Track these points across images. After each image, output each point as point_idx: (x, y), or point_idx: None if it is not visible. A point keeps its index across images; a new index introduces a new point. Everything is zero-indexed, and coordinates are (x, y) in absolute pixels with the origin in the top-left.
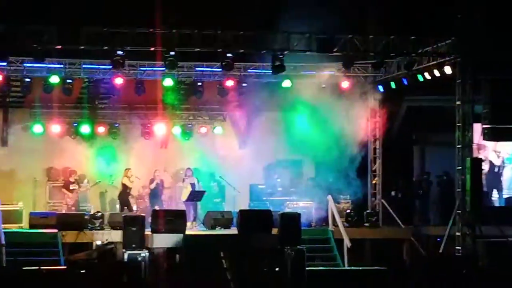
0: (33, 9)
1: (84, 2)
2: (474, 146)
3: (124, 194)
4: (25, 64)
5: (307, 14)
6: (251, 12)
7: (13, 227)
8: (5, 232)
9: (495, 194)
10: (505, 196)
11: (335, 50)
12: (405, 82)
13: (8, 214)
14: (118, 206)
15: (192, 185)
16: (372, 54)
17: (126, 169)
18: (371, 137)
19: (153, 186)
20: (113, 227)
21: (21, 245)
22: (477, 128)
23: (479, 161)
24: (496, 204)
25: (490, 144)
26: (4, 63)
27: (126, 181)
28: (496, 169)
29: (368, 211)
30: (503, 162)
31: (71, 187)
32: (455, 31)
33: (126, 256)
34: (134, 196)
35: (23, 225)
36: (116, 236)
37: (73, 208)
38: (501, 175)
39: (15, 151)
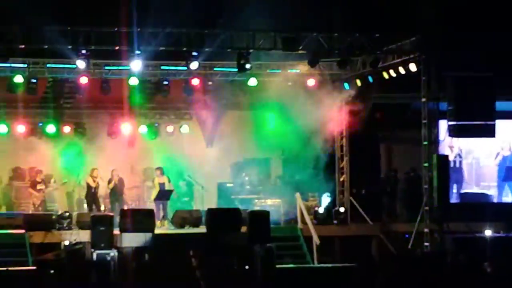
0: None
1: (48, 1)
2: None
3: (89, 194)
4: None
5: (272, 13)
6: (215, 11)
7: None
8: None
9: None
10: (462, 191)
11: (300, 48)
12: (371, 79)
13: None
14: (85, 206)
15: (161, 184)
16: (337, 52)
17: (92, 168)
18: (338, 135)
19: (111, 186)
20: (81, 227)
21: None
22: (443, 124)
23: (445, 157)
24: (452, 200)
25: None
26: None
27: (89, 181)
28: (452, 164)
29: (336, 208)
30: (460, 156)
31: (38, 187)
32: (419, 29)
33: (94, 256)
34: (102, 196)
35: None
36: (84, 236)
37: (39, 208)
38: (462, 170)
39: None
